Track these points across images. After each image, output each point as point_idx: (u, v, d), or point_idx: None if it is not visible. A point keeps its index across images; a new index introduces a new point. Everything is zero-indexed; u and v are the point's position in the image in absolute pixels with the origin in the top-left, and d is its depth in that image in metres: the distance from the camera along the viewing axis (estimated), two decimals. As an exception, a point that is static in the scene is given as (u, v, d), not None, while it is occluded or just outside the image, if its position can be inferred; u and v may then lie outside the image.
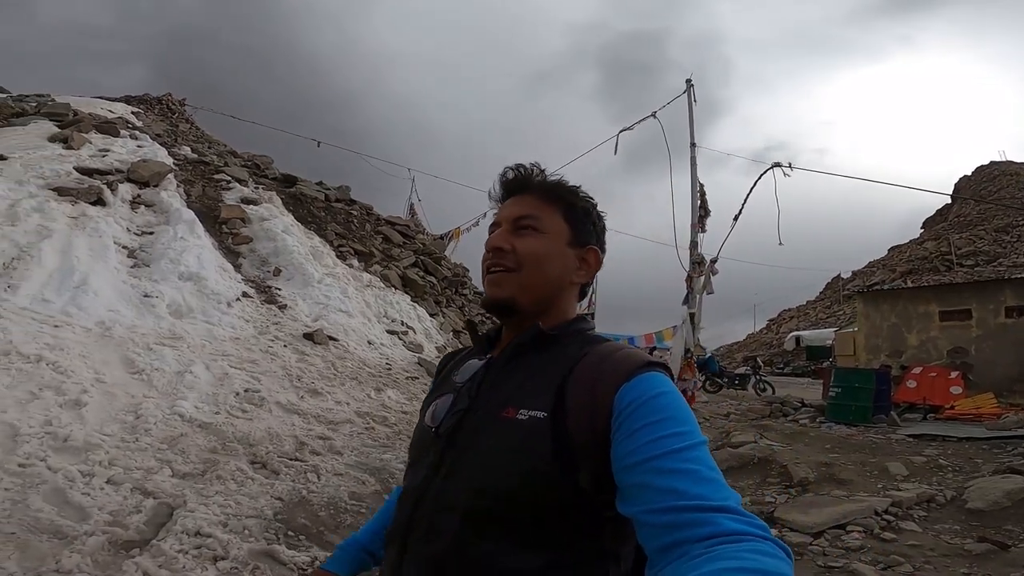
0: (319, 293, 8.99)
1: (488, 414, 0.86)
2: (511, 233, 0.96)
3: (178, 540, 2.83)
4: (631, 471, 0.72)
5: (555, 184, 1.00)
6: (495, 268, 0.95)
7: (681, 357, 9.76)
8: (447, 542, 0.80)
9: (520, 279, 0.93)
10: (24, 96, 16.73)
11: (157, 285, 7.45)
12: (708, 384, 17.18)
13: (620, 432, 0.76)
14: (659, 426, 0.74)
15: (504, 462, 0.80)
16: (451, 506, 0.81)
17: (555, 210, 0.97)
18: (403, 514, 0.88)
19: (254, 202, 10.58)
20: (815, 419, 10.06)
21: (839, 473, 6.08)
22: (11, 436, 3.50)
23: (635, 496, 0.71)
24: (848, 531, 4.55)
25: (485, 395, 0.89)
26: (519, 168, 1.01)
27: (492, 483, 0.79)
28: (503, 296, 0.94)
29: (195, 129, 18.44)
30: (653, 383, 0.79)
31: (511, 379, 0.89)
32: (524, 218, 0.96)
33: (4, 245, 6.52)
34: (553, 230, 0.96)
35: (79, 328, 5.87)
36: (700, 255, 9.93)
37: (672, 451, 0.71)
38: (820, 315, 41.65)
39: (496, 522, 0.78)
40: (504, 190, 1.02)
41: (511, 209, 0.99)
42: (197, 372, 5.68)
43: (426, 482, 0.86)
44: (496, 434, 0.83)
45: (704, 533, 0.63)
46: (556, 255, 0.96)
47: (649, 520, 0.69)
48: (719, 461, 4.48)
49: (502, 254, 0.94)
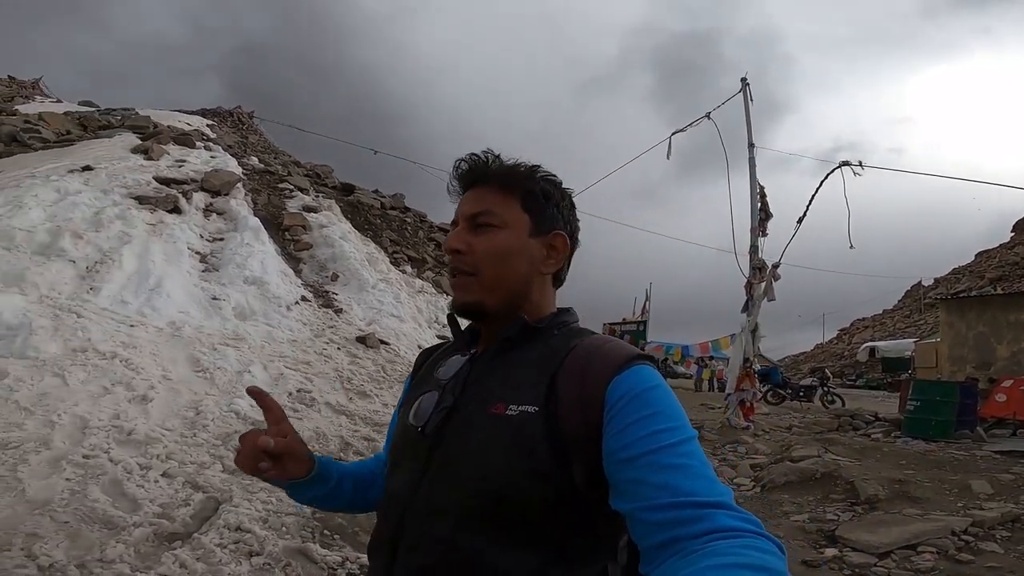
0: (373, 298, 9.25)
1: (476, 411, 0.83)
2: (469, 232, 0.91)
3: (219, 534, 2.95)
4: (625, 466, 0.71)
5: (508, 170, 0.93)
6: (456, 271, 0.91)
7: (740, 367, 9.37)
8: (440, 546, 0.77)
9: (482, 282, 0.89)
10: (111, 110, 18.30)
11: (224, 288, 7.90)
12: (770, 395, 16.41)
13: (612, 426, 0.74)
14: (651, 420, 0.73)
15: (496, 459, 0.77)
16: (442, 509, 0.79)
17: (512, 200, 0.92)
18: (390, 520, 0.85)
19: (314, 210, 11.05)
20: (890, 434, 9.38)
21: (913, 491, 5.63)
22: (80, 428, 3.79)
23: (630, 492, 0.70)
24: (919, 552, 4.21)
25: (472, 391, 0.86)
26: (472, 158, 0.94)
27: (485, 482, 0.77)
28: (469, 301, 0.90)
29: (263, 140, 19.54)
30: (644, 376, 0.78)
31: (498, 374, 0.86)
32: (480, 214, 0.91)
33: (89, 250, 7.09)
34: (512, 223, 0.91)
35: (152, 328, 6.30)
36: (761, 260, 9.51)
37: (665, 446, 0.70)
38: (898, 325, 39.17)
39: (490, 522, 0.76)
40: (460, 184, 0.96)
41: (467, 205, 0.93)
42: (255, 372, 5.96)
43: (413, 485, 0.83)
44: (486, 431, 0.80)
45: (700, 529, 0.63)
46: (517, 250, 0.91)
47: (644, 517, 0.68)
48: (777, 475, 4.21)
49: (460, 257, 0.90)
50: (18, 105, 19.97)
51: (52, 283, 6.15)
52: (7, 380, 4.18)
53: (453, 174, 0.96)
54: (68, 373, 4.53)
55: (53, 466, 3.30)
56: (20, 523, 2.82)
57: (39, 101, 23.06)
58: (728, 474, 6.41)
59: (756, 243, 9.62)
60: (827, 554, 4.23)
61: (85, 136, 13.20)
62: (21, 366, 4.47)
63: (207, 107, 20.56)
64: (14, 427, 3.60)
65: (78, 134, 13.41)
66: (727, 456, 7.33)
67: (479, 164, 0.94)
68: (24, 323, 5.04)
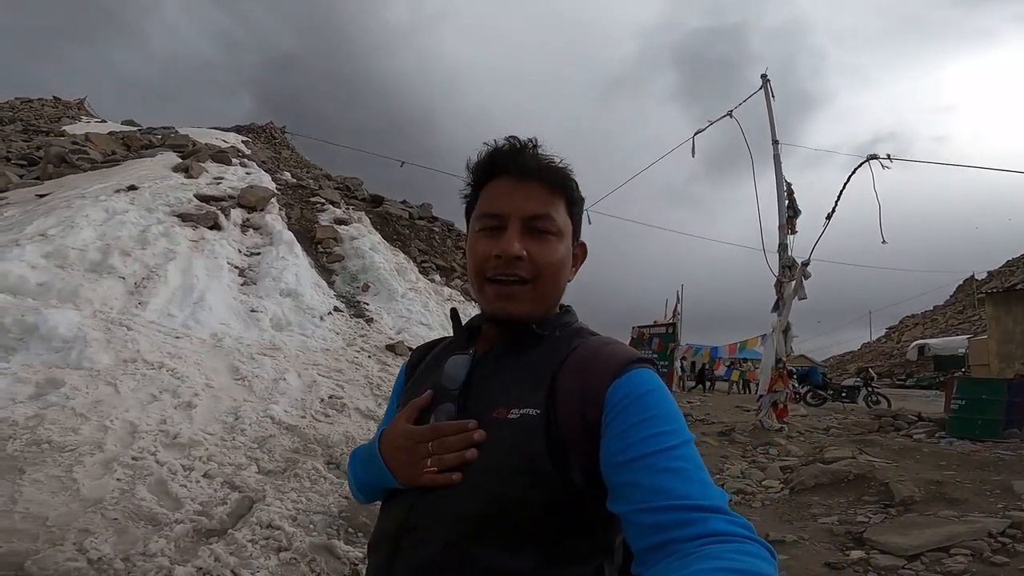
0: (402, 307, 9.51)
1: (480, 416, 0.82)
2: (526, 237, 0.85)
3: (251, 531, 3.16)
4: (620, 469, 0.72)
5: (559, 169, 0.88)
6: (506, 278, 0.85)
7: (772, 367, 9.22)
8: (439, 548, 0.77)
9: (535, 292, 0.85)
10: (152, 129, 19.27)
11: (262, 301, 8.27)
12: (810, 397, 15.96)
13: (610, 429, 0.74)
14: (649, 424, 0.73)
15: (499, 464, 0.77)
16: (444, 510, 0.79)
17: (561, 204, 0.88)
18: (394, 520, 0.85)
19: (345, 222, 11.41)
20: (933, 434, 9.05)
21: (951, 492, 5.47)
22: (130, 432, 4.08)
23: (625, 495, 0.71)
24: (952, 554, 4.10)
25: (474, 397, 0.85)
26: (515, 142, 0.87)
27: (487, 487, 0.77)
28: (519, 313, 0.86)
29: (295, 155, 20.24)
30: (643, 379, 0.77)
31: (500, 379, 0.85)
32: (539, 218, 0.85)
33: (136, 267, 7.55)
34: (564, 231, 0.87)
35: (196, 339, 6.66)
36: (791, 258, 9.35)
37: (661, 450, 0.71)
38: (951, 321, 37.52)
39: (490, 524, 0.76)
40: (496, 166, 0.88)
41: (522, 203, 0.86)
42: (290, 380, 6.24)
43: (418, 488, 0.82)
44: (489, 436, 0.80)
45: (693, 533, 0.63)
46: (567, 260, 0.88)
47: (638, 519, 0.68)
48: (808, 477, 4.17)
49: (516, 264, 0.84)
50: (65, 126, 21.25)
51: (104, 298, 6.58)
52: (64, 389, 4.53)
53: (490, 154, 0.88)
54: (120, 382, 4.87)
55: (105, 467, 3.59)
56: (74, 520, 3.07)
57: (84, 121, 24.44)
58: (757, 476, 6.33)
59: (785, 241, 9.48)
60: (852, 556, 4.16)
61: (129, 156, 13.98)
62: (77, 376, 4.83)
63: (241, 124, 21.47)
64: (70, 432, 3.92)
65: (122, 154, 14.23)
66: (757, 458, 7.22)
67: (531, 154, 0.87)
68: (79, 336, 5.43)
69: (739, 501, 5.64)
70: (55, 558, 2.75)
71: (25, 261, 6.71)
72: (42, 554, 2.76)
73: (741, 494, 5.80)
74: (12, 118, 23.97)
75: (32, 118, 23.99)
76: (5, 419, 3.97)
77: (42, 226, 7.77)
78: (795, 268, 9.06)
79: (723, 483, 6.11)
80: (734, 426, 9.18)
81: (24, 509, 3.05)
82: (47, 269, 6.75)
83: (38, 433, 3.81)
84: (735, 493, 5.82)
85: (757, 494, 5.80)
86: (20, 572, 2.63)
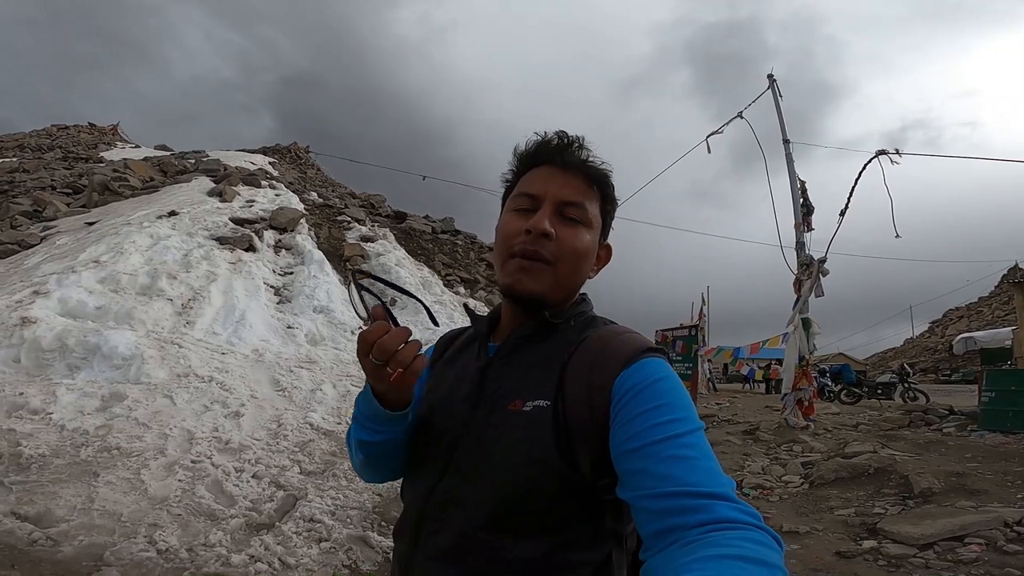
0: (427, 320, 9.86)
1: (496, 408, 0.84)
2: (557, 219, 0.87)
3: (295, 524, 3.54)
4: (629, 457, 0.72)
5: (600, 168, 0.91)
6: (531, 255, 0.86)
7: (795, 365, 9.26)
8: (454, 535, 0.80)
9: (555, 274, 0.87)
10: (184, 153, 20.22)
11: (297, 318, 8.75)
12: (845, 395, 15.76)
13: (619, 418, 0.75)
14: (657, 412, 0.73)
15: (512, 456, 0.79)
16: (458, 502, 0.82)
17: (595, 199, 0.91)
18: (415, 506, 0.88)
19: (371, 239, 11.89)
20: (964, 428, 8.97)
21: (972, 483, 5.50)
22: (188, 439, 4.52)
23: (632, 482, 0.71)
24: (966, 543, 4.15)
25: (491, 388, 0.87)
26: (563, 136, 0.91)
27: (500, 476, 0.79)
28: (536, 290, 0.87)
29: (320, 174, 20.96)
30: (653, 368, 0.78)
31: (515, 370, 0.87)
32: (572, 205, 0.88)
33: (183, 289, 8.11)
34: (595, 224, 0.91)
35: (239, 355, 7.15)
36: (808, 256, 9.40)
37: (669, 437, 0.71)
38: (996, 312, 36.22)
39: (502, 514, 0.79)
40: (542, 155, 0.92)
41: (558, 188, 0.89)
42: (326, 390, 6.66)
43: (436, 476, 0.86)
44: (504, 428, 0.82)
45: (698, 520, 0.64)
46: (592, 252, 0.91)
47: (645, 505, 0.69)
48: (827, 471, 4.34)
49: (543, 242, 0.86)
50: (102, 152, 22.39)
51: (155, 319, 7.13)
52: (127, 401, 5.02)
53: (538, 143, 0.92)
54: (175, 395, 5.35)
55: (168, 470, 4.02)
56: (144, 516, 3.50)
57: (120, 147, 25.65)
58: (777, 472, 6.44)
59: (801, 239, 9.54)
60: (864, 546, 4.24)
61: (166, 181, 14.80)
62: (137, 390, 5.32)
63: (267, 145, 22.33)
64: (135, 439, 4.37)
65: (159, 180, 15.08)
66: (780, 455, 7.32)
67: (575, 147, 0.91)
68: (136, 354, 5.94)
69: (756, 496, 5.74)
70: (130, 549, 3.15)
71: (82, 287, 7.32)
72: (119, 546, 3.16)
73: (759, 489, 5.88)
74: (51, 145, 25.39)
75: (70, 145, 25.37)
76: (76, 429, 4.44)
77: (94, 253, 8.43)
78: (812, 266, 9.13)
79: (742, 479, 6.22)
80: (759, 425, 9.24)
81: (101, 507, 3.48)
82: (103, 294, 7.35)
83: (107, 441, 4.27)
84: (753, 488, 5.92)
85: (775, 489, 5.89)
86: (100, 562, 3.02)
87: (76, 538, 3.10)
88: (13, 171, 17.13)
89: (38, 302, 6.56)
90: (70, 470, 3.76)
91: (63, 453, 3.95)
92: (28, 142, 26.93)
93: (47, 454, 3.90)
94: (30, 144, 26.21)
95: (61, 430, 4.33)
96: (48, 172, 16.97)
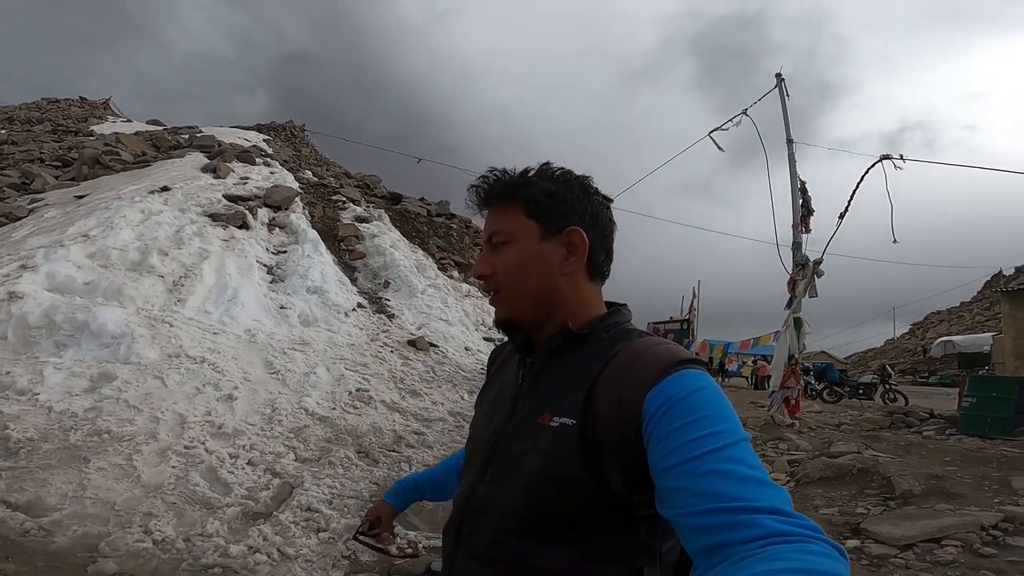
0: (422, 303, 9.84)
1: (527, 421, 0.87)
2: (491, 253, 0.94)
3: (293, 513, 3.52)
4: (667, 474, 0.71)
5: (508, 183, 0.93)
6: (489, 291, 0.96)
7: (785, 364, 9.39)
8: (486, 541, 0.85)
9: (504, 299, 0.93)
10: (177, 129, 19.84)
11: (290, 298, 8.66)
12: (827, 393, 16.02)
13: (654, 435, 0.74)
14: (694, 426, 0.71)
15: (538, 469, 0.82)
16: (489, 509, 0.86)
17: (516, 211, 0.92)
18: (457, 511, 0.93)
19: (366, 220, 11.76)
20: (943, 431, 9.18)
21: (951, 487, 5.64)
22: (180, 423, 4.48)
23: (673, 499, 0.70)
24: (943, 545, 4.28)
25: (524, 401, 0.90)
26: (482, 179, 0.96)
27: (527, 490, 0.82)
28: (501, 318, 0.95)
29: (315, 153, 20.68)
30: (686, 382, 0.76)
31: (546, 384, 0.89)
32: (494, 235, 0.94)
33: (174, 266, 7.98)
34: (519, 234, 0.91)
35: (231, 335, 7.06)
36: (804, 256, 9.47)
37: (709, 452, 0.69)
38: (977, 318, 36.95)
39: (529, 523, 0.81)
40: (478, 209, 0.99)
41: (485, 229, 0.97)
42: (320, 373, 6.62)
43: (473, 485, 0.91)
44: (533, 441, 0.84)
45: (749, 535, 0.61)
46: (530, 260, 0.91)
47: (687, 523, 0.67)
48: (813, 470, 4.41)
49: (487, 280, 0.94)
50: (93, 126, 21.92)
51: (146, 296, 7.01)
52: (116, 383, 4.94)
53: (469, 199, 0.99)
54: (166, 376, 5.28)
55: (161, 456, 3.98)
56: (138, 504, 3.44)
57: (111, 121, 25.16)
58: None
59: (799, 239, 9.60)
60: (847, 545, 4.37)
61: (159, 156, 14.48)
62: (127, 370, 5.24)
63: (261, 122, 21.99)
64: (126, 423, 4.32)
65: (152, 155, 14.74)
66: (767, 453, 7.44)
67: (485, 186, 0.96)
68: (126, 333, 5.85)
69: (744, 493, 5.86)
70: (125, 540, 3.09)
71: (71, 261, 7.16)
72: (113, 536, 3.10)
73: (746, 487, 6.01)
74: (40, 118, 24.80)
75: (60, 118, 24.78)
76: (65, 411, 4.36)
77: (83, 227, 8.23)
78: (807, 266, 9.20)
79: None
80: (745, 421, 9.37)
81: (93, 495, 3.42)
82: (92, 269, 7.20)
83: (97, 424, 4.21)
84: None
85: (762, 486, 6.01)
86: (96, 553, 2.95)
87: (69, 528, 3.05)
88: (1, 143, 16.68)
89: (25, 276, 6.41)
90: (60, 455, 3.69)
91: (52, 437, 3.88)
92: (17, 115, 26.26)
93: (35, 438, 3.82)
94: (19, 117, 25.55)
95: (49, 412, 4.25)
96: (37, 144, 16.53)
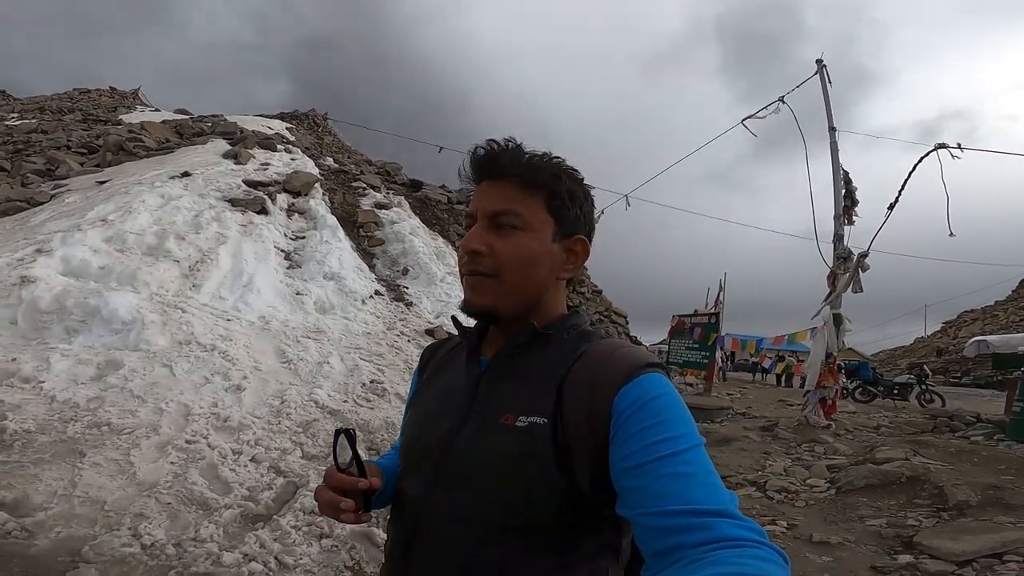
0: (441, 291, 9.58)
1: (489, 421, 0.83)
2: (488, 231, 0.86)
3: (295, 517, 3.25)
4: (628, 475, 0.72)
5: (536, 166, 0.86)
6: (472, 272, 0.87)
7: (822, 362, 8.90)
8: (453, 548, 0.80)
9: (500, 286, 0.86)
10: (202, 117, 19.95)
11: (306, 284, 8.46)
12: (859, 393, 15.39)
13: (618, 436, 0.74)
14: (656, 429, 0.72)
15: (507, 470, 0.79)
16: (456, 514, 0.81)
17: (537, 199, 0.86)
18: (405, 524, 0.87)
19: (385, 207, 11.53)
20: (992, 436, 8.62)
21: (1010, 498, 5.21)
22: (184, 415, 4.26)
23: (632, 499, 0.71)
24: (1005, 561, 3.94)
25: (482, 401, 0.86)
26: (491, 145, 0.87)
27: (497, 492, 0.79)
28: (484, 304, 0.87)
29: (336, 140, 20.62)
30: (652, 385, 0.77)
31: (507, 383, 0.86)
32: (503, 214, 0.86)
33: (191, 251, 7.83)
34: (537, 226, 0.86)
35: (244, 322, 6.88)
36: (847, 249, 8.94)
37: (669, 455, 0.70)
38: (1012, 317, 35.54)
39: (500, 527, 0.79)
40: (476, 173, 0.89)
41: (486, 201, 0.87)
42: (333, 363, 6.39)
43: (427, 490, 0.85)
44: (496, 442, 0.81)
45: (700, 539, 0.63)
46: (542, 255, 0.87)
47: (646, 523, 0.68)
48: (857, 477, 4.06)
49: (479, 258, 0.86)
50: (121, 115, 22.24)
51: (160, 281, 6.86)
52: (123, 371, 4.76)
53: (469, 161, 0.89)
54: (175, 364, 5.09)
55: (160, 451, 3.75)
56: (130, 504, 3.20)
57: (140, 110, 25.55)
58: (801, 475, 6.16)
59: (841, 232, 9.07)
60: (900, 561, 4.02)
61: (182, 143, 14.51)
62: (135, 358, 5.06)
63: (285, 111, 22.03)
64: (128, 414, 4.11)
65: (176, 141, 14.79)
66: (802, 456, 7.03)
67: (502, 154, 0.87)
68: (137, 319, 5.68)
69: (781, 500, 5.50)
70: (111, 543, 2.84)
71: (87, 245, 7.04)
72: (99, 539, 2.86)
73: (784, 492, 5.65)
74: (71, 108, 25.28)
75: (90, 108, 25.22)
76: (67, 401, 4.15)
77: (102, 212, 8.14)
78: (851, 260, 8.66)
79: (765, 480, 5.97)
80: (777, 421, 8.94)
81: (83, 493, 3.18)
82: (108, 253, 7.08)
83: (98, 415, 4.00)
84: (777, 491, 5.67)
85: (801, 493, 5.64)
86: (78, 557, 2.72)
87: (53, 529, 2.81)
88: (31, 131, 16.90)
89: (40, 260, 6.30)
90: (55, 448, 3.48)
91: (49, 429, 3.68)
92: (49, 105, 26.89)
93: (32, 430, 3.62)
94: (51, 107, 26.15)
95: (51, 401, 4.06)
96: (65, 133, 16.71)
